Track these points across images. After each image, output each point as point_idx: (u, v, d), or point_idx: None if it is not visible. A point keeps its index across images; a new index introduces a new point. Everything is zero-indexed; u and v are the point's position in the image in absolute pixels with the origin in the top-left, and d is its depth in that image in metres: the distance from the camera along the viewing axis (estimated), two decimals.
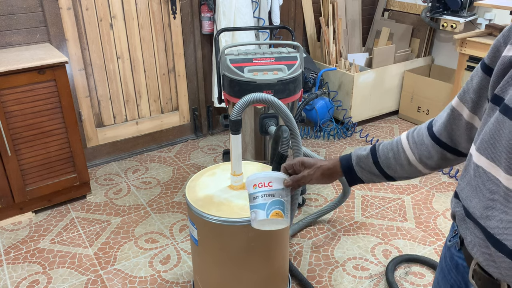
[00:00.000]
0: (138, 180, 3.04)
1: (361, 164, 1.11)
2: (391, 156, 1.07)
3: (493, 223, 0.76)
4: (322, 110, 3.60)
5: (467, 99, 0.89)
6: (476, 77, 0.87)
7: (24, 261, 2.29)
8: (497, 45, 0.82)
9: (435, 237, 2.44)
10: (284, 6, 3.61)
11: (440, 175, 3.04)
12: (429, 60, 3.97)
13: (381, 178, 1.11)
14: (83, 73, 2.98)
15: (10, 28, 2.61)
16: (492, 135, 0.76)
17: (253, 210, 1.15)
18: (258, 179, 1.15)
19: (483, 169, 0.79)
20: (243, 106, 1.59)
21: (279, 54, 2.34)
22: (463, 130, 0.93)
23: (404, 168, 1.06)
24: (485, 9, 3.44)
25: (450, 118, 0.94)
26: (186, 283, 2.14)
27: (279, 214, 1.14)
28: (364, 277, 2.17)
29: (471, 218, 0.82)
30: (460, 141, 0.95)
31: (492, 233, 0.76)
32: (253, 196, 1.15)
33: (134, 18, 3.06)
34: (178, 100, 3.47)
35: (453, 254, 0.94)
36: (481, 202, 0.79)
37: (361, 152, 1.12)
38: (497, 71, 0.79)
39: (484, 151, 0.78)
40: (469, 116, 0.90)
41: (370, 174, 1.11)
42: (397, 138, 1.09)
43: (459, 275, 0.93)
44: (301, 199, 2.71)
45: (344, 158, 1.14)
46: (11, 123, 2.36)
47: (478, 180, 0.80)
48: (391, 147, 1.08)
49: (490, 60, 0.83)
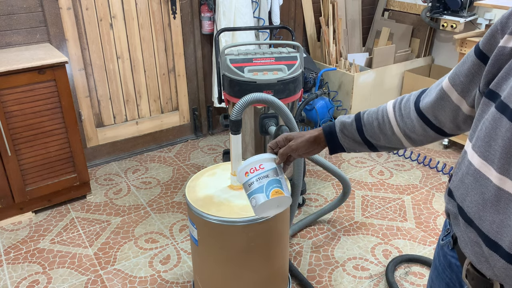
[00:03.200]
0: (138, 180, 3.04)
1: (345, 131, 1.10)
2: (375, 125, 1.06)
3: (486, 224, 0.75)
4: (322, 110, 3.60)
5: (457, 82, 0.88)
6: (469, 61, 0.85)
7: (24, 261, 2.29)
8: (494, 32, 0.79)
9: (435, 237, 2.44)
10: (284, 6, 3.61)
11: (440, 175, 3.04)
12: (429, 60, 3.97)
13: (363, 146, 1.10)
14: (83, 73, 2.98)
15: (10, 28, 2.61)
16: (488, 133, 0.75)
17: (252, 197, 1.13)
18: (249, 165, 1.14)
19: (475, 167, 0.77)
20: (243, 106, 1.59)
21: (279, 54, 2.34)
22: (449, 112, 0.92)
23: (388, 138, 1.05)
24: (485, 9, 3.44)
25: (439, 99, 0.93)
26: (186, 283, 2.14)
27: (278, 192, 1.12)
28: (364, 277, 2.17)
29: (465, 216, 0.81)
30: (444, 122, 0.95)
31: (486, 233, 0.75)
32: (248, 184, 1.14)
33: (134, 18, 3.06)
34: (178, 100, 3.47)
35: (446, 253, 0.94)
36: (473, 201, 0.78)
37: (345, 119, 1.11)
38: (493, 61, 0.77)
39: (478, 148, 0.77)
40: (457, 99, 0.89)
41: (352, 141, 1.10)
42: (383, 107, 1.07)
43: (453, 274, 0.92)
44: (301, 199, 2.71)
45: (327, 125, 1.14)
46: (11, 123, 2.36)
47: (470, 178, 0.79)
48: (376, 116, 1.06)
49: (485, 47, 0.81)
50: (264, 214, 1.17)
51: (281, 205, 1.16)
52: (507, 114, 0.71)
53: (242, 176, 1.16)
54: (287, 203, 1.16)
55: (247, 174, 1.14)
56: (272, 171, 1.14)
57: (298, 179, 1.94)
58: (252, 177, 1.13)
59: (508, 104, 0.71)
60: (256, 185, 1.12)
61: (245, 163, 1.15)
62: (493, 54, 0.77)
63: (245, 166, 1.15)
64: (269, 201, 1.11)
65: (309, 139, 1.13)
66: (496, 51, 0.76)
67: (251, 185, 1.13)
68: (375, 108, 1.09)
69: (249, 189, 1.14)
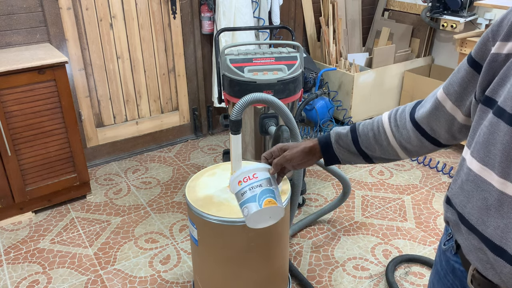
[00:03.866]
0: (138, 180, 3.04)
1: (340, 141, 1.09)
2: (371, 136, 1.05)
3: (490, 229, 0.74)
4: (322, 110, 3.60)
5: (451, 91, 0.88)
6: (462, 70, 0.85)
7: (24, 261, 2.29)
8: (485, 40, 0.79)
9: (435, 237, 2.44)
10: (284, 6, 3.61)
11: (440, 175, 3.04)
12: (429, 60, 3.97)
13: (358, 158, 1.09)
14: (83, 73, 2.98)
15: (10, 28, 2.61)
16: (486, 138, 0.74)
17: (244, 206, 1.10)
18: (242, 174, 1.12)
19: (475, 173, 0.77)
20: (243, 106, 1.59)
21: (279, 54, 2.34)
22: (444, 122, 0.92)
23: (383, 149, 1.05)
24: (485, 9, 3.44)
25: (433, 108, 0.93)
26: (186, 283, 2.14)
27: (271, 201, 1.09)
28: (364, 277, 2.17)
29: (466, 223, 0.80)
30: (440, 132, 0.95)
31: (490, 239, 0.74)
32: (240, 193, 1.11)
33: (134, 18, 3.06)
34: (178, 100, 3.47)
35: (449, 258, 0.92)
36: (475, 207, 0.77)
37: (341, 130, 1.10)
38: (486, 69, 0.77)
39: (477, 154, 0.76)
40: (452, 109, 0.89)
41: (348, 152, 1.09)
42: (378, 118, 1.06)
43: (456, 279, 0.90)
44: (301, 199, 2.71)
45: (323, 136, 1.13)
46: (11, 123, 2.36)
47: (470, 185, 0.78)
48: (371, 127, 1.06)
49: (477, 55, 0.81)
50: (255, 226, 1.14)
51: (274, 216, 1.13)
52: (504, 118, 0.71)
53: (235, 186, 1.13)
54: (279, 214, 1.13)
55: (240, 183, 1.11)
56: (265, 180, 1.11)
57: (298, 179, 1.94)
58: (245, 186, 1.10)
59: (505, 108, 0.71)
60: (248, 194, 1.10)
61: (238, 172, 1.13)
62: (486, 62, 0.77)
63: (238, 175, 1.12)
64: (262, 210, 1.08)
65: (304, 150, 1.12)
66: (489, 58, 0.76)
67: (244, 194, 1.10)
68: (371, 119, 1.09)
69: (242, 198, 1.11)
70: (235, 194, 1.13)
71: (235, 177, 1.12)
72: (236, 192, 1.12)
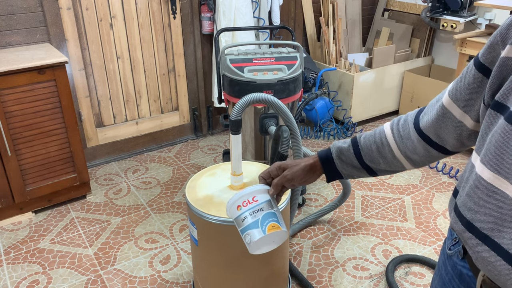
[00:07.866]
0: (138, 180, 3.04)
1: (342, 157, 1.04)
2: (374, 149, 1.01)
3: (507, 239, 0.71)
4: (322, 110, 3.60)
5: (459, 97, 0.85)
6: (469, 75, 0.82)
7: (24, 261, 2.29)
8: (493, 43, 0.77)
9: (435, 237, 2.44)
10: (284, 6, 3.61)
11: (440, 175, 3.04)
12: (429, 60, 3.97)
13: (361, 172, 1.05)
14: (83, 73, 2.98)
15: (10, 28, 2.61)
16: (498, 146, 0.71)
17: (246, 233, 1.03)
18: (241, 198, 1.04)
19: (486, 181, 0.74)
20: (243, 106, 1.59)
21: (279, 54, 2.34)
22: (452, 129, 0.89)
23: (388, 161, 1.01)
24: (485, 9, 3.44)
25: (440, 116, 0.90)
26: (186, 283, 2.14)
27: (275, 226, 1.03)
28: (364, 277, 2.17)
29: (477, 232, 0.76)
30: (447, 140, 0.91)
31: (507, 249, 0.71)
32: (240, 219, 1.04)
33: (134, 18, 3.06)
34: (178, 100, 3.47)
35: (455, 263, 0.88)
36: (488, 217, 0.74)
37: (342, 145, 1.06)
38: (496, 73, 0.75)
39: (489, 162, 0.73)
40: (460, 115, 0.86)
41: (351, 167, 1.05)
42: (380, 129, 1.02)
43: (463, 284, 0.87)
44: (301, 199, 2.71)
45: (323, 152, 1.08)
46: (11, 123, 2.36)
47: (481, 193, 0.75)
48: (373, 139, 1.02)
49: (486, 59, 0.79)
50: (258, 251, 1.07)
51: (277, 240, 1.07)
52: None
53: (233, 210, 1.05)
54: (283, 238, 1.07)
55: (239, 207, 1.03)
56: (266, 203, 1.04)
57: None
58: (245, 211, 1.03)
59: None
60: (250, 220, 1.02)
61: (236, 196, 1.05)
62: (496, 66, 0.75)
63: (236, 200, 1.05)
64: (266, 236, 1.02)
65: (304, 168, 1.07)
66: (499, 62, 0.74)
67: (244, 219, 1.03)
68: (371, 131, 1.05)
69: (242, 224, 1.03)
70: (234, 219, 1.06)
71: (234, 201, 1.05)
72: (235, 217, 1.05)
